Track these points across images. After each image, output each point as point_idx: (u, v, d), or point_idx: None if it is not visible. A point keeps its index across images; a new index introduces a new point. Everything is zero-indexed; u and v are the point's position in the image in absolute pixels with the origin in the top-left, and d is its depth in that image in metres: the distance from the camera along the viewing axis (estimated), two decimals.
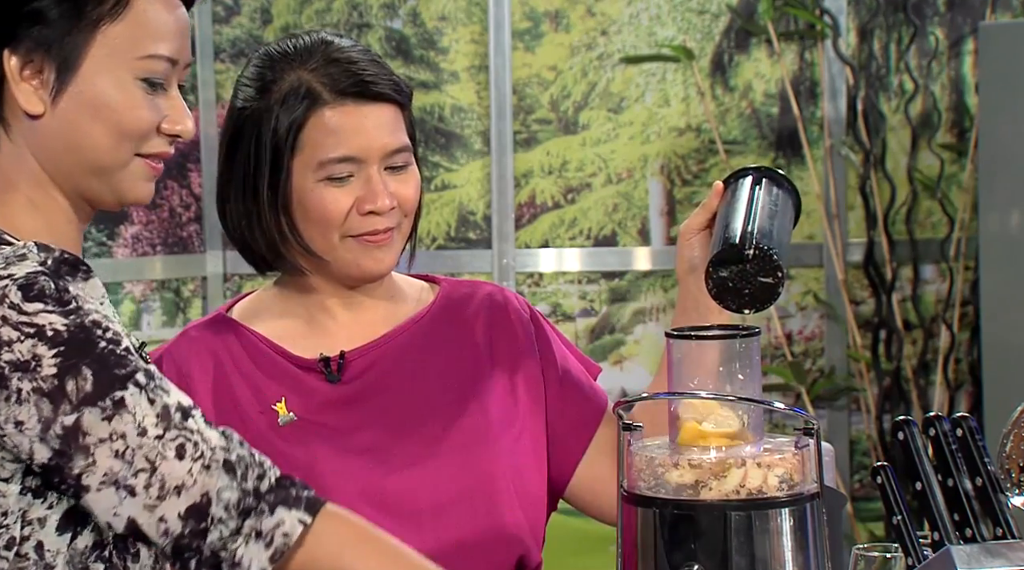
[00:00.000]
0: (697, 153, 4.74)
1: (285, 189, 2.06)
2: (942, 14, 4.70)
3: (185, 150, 4.85)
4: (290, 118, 2.04)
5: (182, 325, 4.86)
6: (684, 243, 2.15)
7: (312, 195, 2.05)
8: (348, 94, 2.05)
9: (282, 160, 2.05)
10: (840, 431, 4.71)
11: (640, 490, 1.65)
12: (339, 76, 2.05)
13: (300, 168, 2.05)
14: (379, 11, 4.83)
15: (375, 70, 2.07)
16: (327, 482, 2.01)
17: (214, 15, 4.87)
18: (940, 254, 4.65)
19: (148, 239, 4.78)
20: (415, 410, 2.10)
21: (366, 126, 2.05)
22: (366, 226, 2.06)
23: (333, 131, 2.04)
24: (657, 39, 4.72)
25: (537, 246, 4.79)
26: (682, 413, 1.69)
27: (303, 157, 2.05)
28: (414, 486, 2.07)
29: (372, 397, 2.09)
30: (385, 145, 2.06)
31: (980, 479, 1.89)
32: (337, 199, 2.05)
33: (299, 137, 2.05)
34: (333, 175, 2.05)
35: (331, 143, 2.04)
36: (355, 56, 2.07)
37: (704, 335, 1.72)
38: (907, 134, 4.68)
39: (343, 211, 2.05)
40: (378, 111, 2.06)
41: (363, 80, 2.05)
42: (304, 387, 2.08)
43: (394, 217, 2.08)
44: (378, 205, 2.05)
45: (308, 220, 2.06)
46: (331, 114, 2.04)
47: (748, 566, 1.61)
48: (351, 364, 2.09)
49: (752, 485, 1.62)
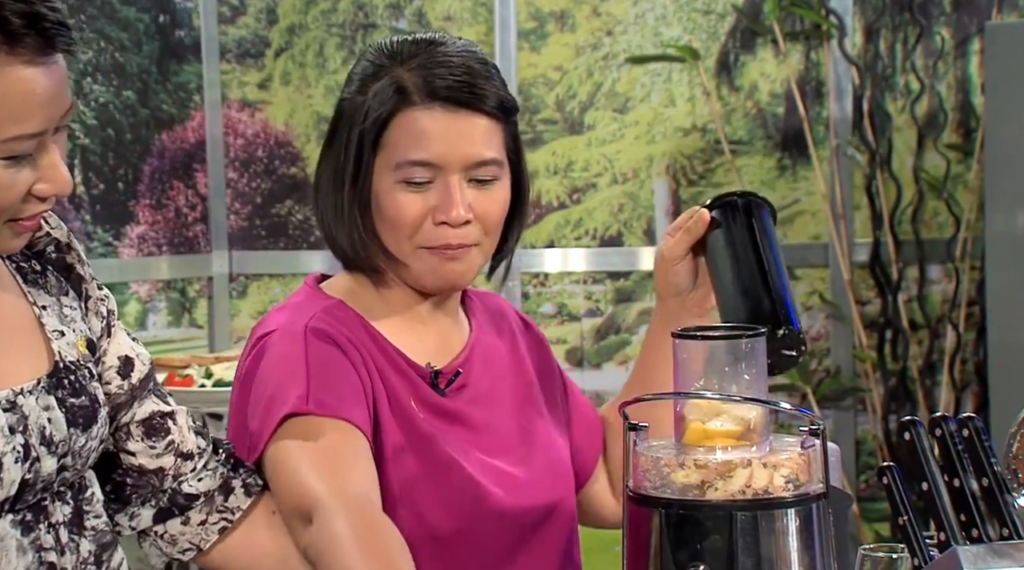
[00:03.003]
0: (703, 153, 4.74)
1: (365, 186, 2.00)
2: (948, 14, 4.69)
3: (191, 150, 4.86)
4: (377, 114, 1.98)
5: (188, 325, 4.87)
6: (668, 269, 2.11)
7: (387, 196, 1.99)
8: (439, 98, 1.97)
9: (365, 156, 2.00)
10: (846, 431, 4.71)
11: (646, 490, 1.65)
12: (434, 79, 1.98)
13: (381, 167, 2.00)
14: (385, 11, 4.83)
15: (476, 79, 1.99)
16: (460, 478, 2.01)
17: (220, 15, 4.88)
18: (946, 254, 4.65)
19: (154, 239, 4.78)
20: (504, 427, 2.10)
21: (451, 133, 1.97)
22: (439, 238, 1.99)
23: (417, 133, 1.97)
24: (663, 39, 4.72)
25: (543, 246, 4.78)
26: (688, 413, 1.69)
27: (384, 156, 1.99)
28: (526, 503, 2.06)
29: (470, 413, 2.07)
30: (468, 156, 1.98)
31: (986, 479, 1.89)
32: (411, 204, 1.98)
33: (383, 135, 1.99)
34: (411, 179, 1.98)
35: (412, 145, 1.97)
36: (459, 61, 1.99)
37: (710, 335, 1.71)
38: (913, 134, 4.68)
39: (415, 217, 1.98)
40: (468, 120, 1.98)
41: (458, 87, 1.98)
42: (420, 392, 2.03)
43: (471, 233, 2.00)
44: (451, 216, 1.97)
45: (383, 222, 2.00)
46: (418, 116, 1.97)
47: (754, 566, 1.61)
48: (449, 378, 2.06)
49: (758, 485, 1.62)
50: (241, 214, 4.92)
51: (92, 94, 4.58)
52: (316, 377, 1.93)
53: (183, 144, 4.85)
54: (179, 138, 4.84)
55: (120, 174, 4.69)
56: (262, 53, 4.90)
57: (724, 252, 2.01)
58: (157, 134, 4.77)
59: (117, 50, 4.65)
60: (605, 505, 2.23)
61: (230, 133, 4.90)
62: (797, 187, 4.74)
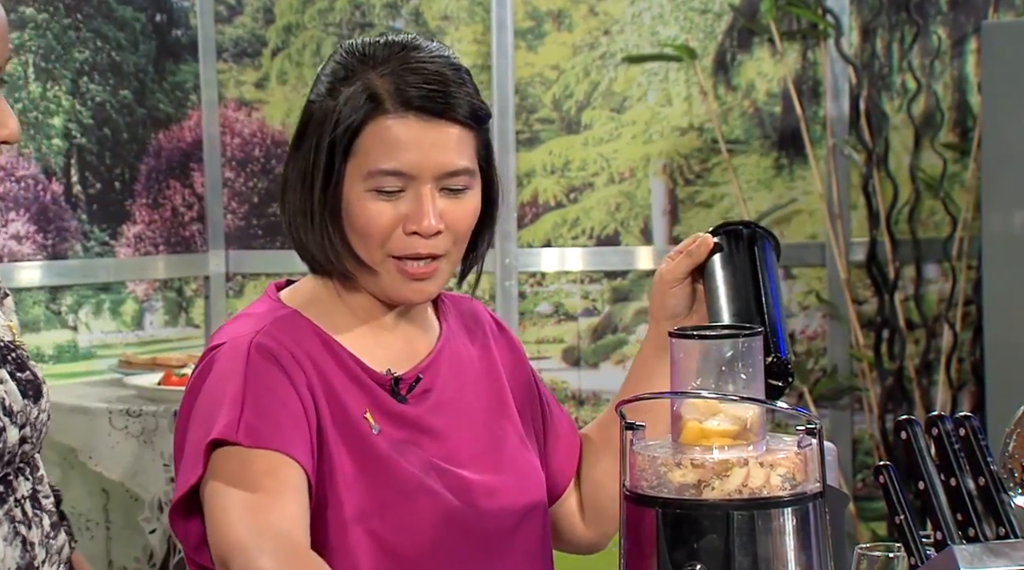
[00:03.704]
0: (700, 153, 4.74)
1: (336, 193, 1.97)
2: (945, 13, 4.70)
3: (187, 150, 4.86)
4: (348, 121, 1.95)
5: (185, 325, 4.87)
6: (666, 291, 2.08)
7: (358, 205, 1.96)
8: (412, 107, 1.95)
9: (335, 163, 1.97)
10: (843, 430, 4.71)
11: (642, 490, 1.65)
12: (407, 87, 1.95)
13: (352, 174, 1.97)
14: (381, 11, 4.82)
15: (449, 87, 1.96)
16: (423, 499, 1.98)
17: (216, 15, 4.88)
18: (943, 253, 4.65)
19: (151, 238, 4.78)
20: (470, 434, 2.07)
21: (424, 143, 1.95)
22: (409, 247, 1.97)
23: (388, 142, 1.95)
24: (659, 38, 4.72)
25: (540, 245, 4.78)
26: (684, 413, 1.69)
27: (356, 163, 1.96)
28: (494, 511, 2.04)
29: (433, 420, 2.04)
30: (440, 165, 1.96)
31: (983, 479, 1.89)
32: (382, 213, 1.96)
33: (355, 142, 1.96)
34: (381, 188, 1.95)
35: (384, 154, 1.95)
36: (432, 68, 1.97)
37: (707, 334, 1.71)
38: (910, 133, 4.68)
39: (386, 226, 1.96)
40: (441, 130, 1.96)
41: (431, 96, 1.95)
42: (378, 401, 2.00)
43: (441, 243, 1.98)
44: (423, 226, 1.95)
45: (353, 230, 1.98)
46: (390, 124, 1.95)
47: (750, 566, 1.61)
48: (410, 384, 2.03)
49: (755, 485, 1.62)
50: (238, 213, 4.92)
51: (88, 93, 4.58)
52: (251, 403, 1.90)
53: (180, 143, 4.85)
54: (176, 137, 4.83)
55: (117, 173, 4.69)
56: (259, 52, 4.90)
57: (722, 276, 2.00)
58: (154, 133, 4.77)
59: (113, 49, 4.64)
60: (569, 527, 2.20)
61: (227, 132, 4.90)
62: (794, 186, 4.74)
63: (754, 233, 2.03)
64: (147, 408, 3.85)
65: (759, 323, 1.90)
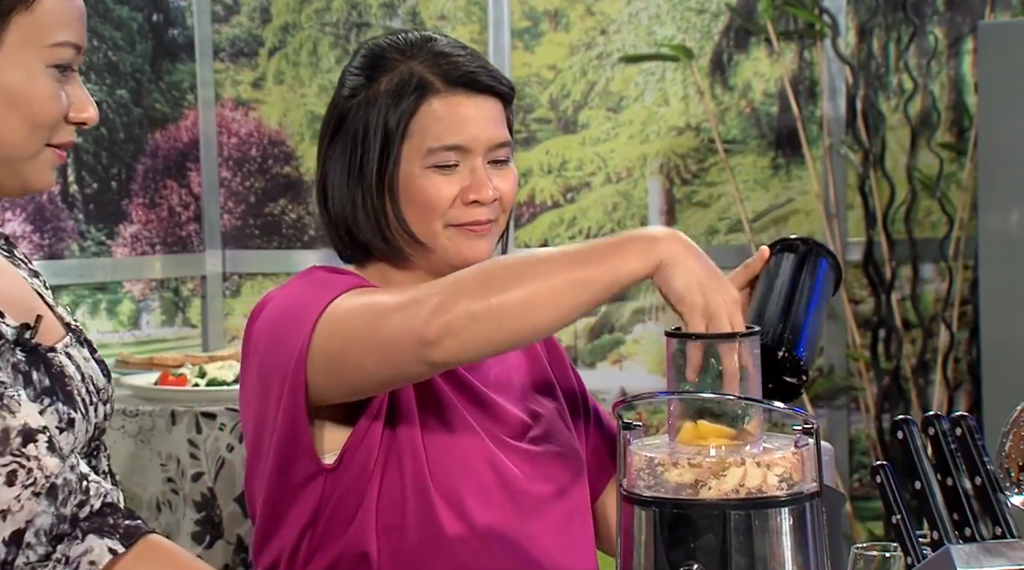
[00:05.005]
0: (696, 152, 4.74)
1: (392, 175, 2.08)
2: (941, 13, 4.70)
3: (184, 149, 4.86)
4: (401, 106, 2.07)
5: (181, 324, 4.87)
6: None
7: (419, 182, 2.07)
8: (458, 85, 2.07)
9: (391, 146, 2.07)
10: (839, 430, 4.71)
11: (639, 489, 1.65)
12: (449, 68, 2.08)
13: (408, 155, 2.07)
14: (378, 10, 4.82)
15: (481, 63, 2.11)
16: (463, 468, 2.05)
17: (213, 14, 4.88)
18: (939, 253, 4.65)
19: (147, 238, 4.78)
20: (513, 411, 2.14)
21: (474, 117, 2.08)
22: (469, 216, 2.09)
23: (443, 120, 2.07)
24: (656, 38, 4.72)
25: (537, 245, 4.78)
26: (681, 413, 1.69)
27: (412, 144, 2.07)
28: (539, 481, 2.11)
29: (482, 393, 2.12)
30: (491, 138, 2.09)
31: (979, 478, 1.89)
32: (442, 187, 2.07)
33: (410, 124, 2.07)
34: (440, 163, 2.07)
35: (440, 131, 2.07)
36: (460, 51, 2.11)
37: (704, 334, 1.72)
38: (906, 133, 4.68)
39: (448, 199, 2.07)
40: (485, 103, 2.09)
41: (471, 72, 2.08)
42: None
43: (494, 210, 2.11)
44: (482, 195, 2.08)
45: (413, 206, 2.08)
46: (441, 103, 2.07)
47: (747, 565, 1.61)
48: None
49: (751, 484, 1.62)
50: (235, 213, 4.92)
51: None
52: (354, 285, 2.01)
53: (176, 143, 4.85)
54: (172, 137, 4.83)
55: (113, 173, 4.69)
56: (256, 52, 4.90)
57: (766, 278, 2.04)
58: (150, 133, 4.77)
59: (110, 49, 4.64)
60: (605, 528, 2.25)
61: (224, 132, 4.90)
62: (790, 186, 4.74)
63: (811, 247, 2.06)
64: (144, 408, 3.84)
65: (781, 321, 1.91)
